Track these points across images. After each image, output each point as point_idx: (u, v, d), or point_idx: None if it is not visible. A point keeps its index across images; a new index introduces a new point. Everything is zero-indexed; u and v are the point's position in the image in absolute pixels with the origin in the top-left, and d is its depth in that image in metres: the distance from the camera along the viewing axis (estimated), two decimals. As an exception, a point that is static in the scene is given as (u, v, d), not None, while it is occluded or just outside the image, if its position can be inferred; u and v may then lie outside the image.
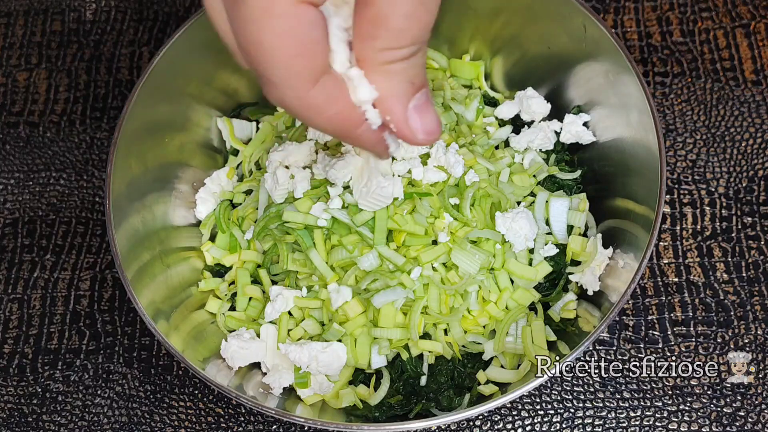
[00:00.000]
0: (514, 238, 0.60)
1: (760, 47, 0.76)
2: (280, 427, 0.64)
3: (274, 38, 0.34)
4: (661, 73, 0.76)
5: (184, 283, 0.64)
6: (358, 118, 0.39)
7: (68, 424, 0.65)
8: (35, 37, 0.82)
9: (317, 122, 0.38)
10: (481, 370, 0.60)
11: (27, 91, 0.80)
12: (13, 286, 0.71)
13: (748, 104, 0.74)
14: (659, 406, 0.63)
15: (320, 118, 0.38)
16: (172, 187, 0.66)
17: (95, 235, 0.72)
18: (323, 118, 0.38)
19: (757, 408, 0.63)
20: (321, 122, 0.38)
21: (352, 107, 0.38)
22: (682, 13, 0.79)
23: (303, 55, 0.35)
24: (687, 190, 0.71)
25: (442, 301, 0.59)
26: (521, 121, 0.69)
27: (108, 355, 0.67)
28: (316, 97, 0.37)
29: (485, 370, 0.60)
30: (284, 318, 0.61)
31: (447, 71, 0.72)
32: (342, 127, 0.39)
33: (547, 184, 0.66)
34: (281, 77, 0.36)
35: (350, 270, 0.58)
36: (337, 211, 0.58)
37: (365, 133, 0.40)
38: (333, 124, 0.39)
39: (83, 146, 0.77)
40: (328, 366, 0.58)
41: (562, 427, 0.63)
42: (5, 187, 0.75)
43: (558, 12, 0.63)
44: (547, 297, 0.62)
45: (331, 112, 0.38)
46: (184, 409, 0.65)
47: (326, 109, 0.38)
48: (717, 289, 0.67)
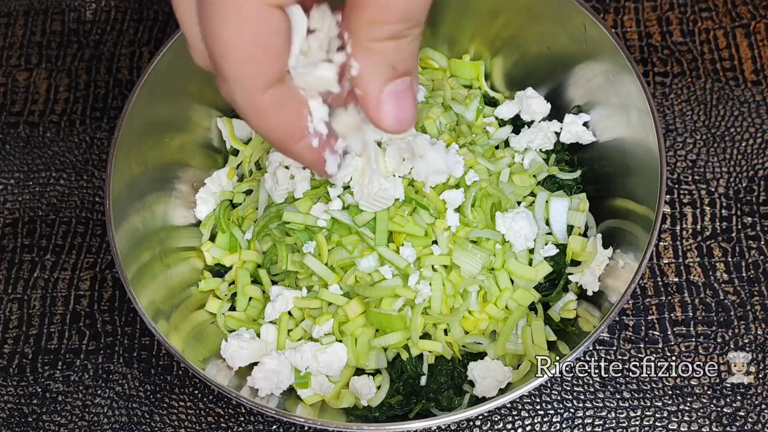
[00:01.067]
0: (514, 238, 0.60)
1: (760, 47, 0.76)
2: (280, 427, 0.64)
3: (235, 38, 0.34)
4: (661, 73, 0.76)
5: (184, 283, 0.64)
6: (299, 132, 0.39)
7: (68, 424, 0.65)
8: (35, 37, 0.82)
9: (259, 127, 0.38)
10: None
11: (27, 91, 0.80)
12: (13, 286, 0.71)
13: (748, 104, 0.74)
14: (659, 406, 0.63)
15: (263, 123, 0.38)
16: (172, 187, 0.66)
17: (95, 235, 0.72)
18: (266, 124, 0.38)
19: (757, 408, 0.63)
20: (263, 128, 0.38)
21: (296, 121, 0.38)
22: (682, 13, 0.79)
23: (259, 59, 0.35)
24: (687, 190, 0.71)
25: (443, 302, 0.59)
26: (521, 121, 0.69)
27: (108, 355, 0.67)
28: (263, 103, 0.36)
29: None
30: (284, 318, 0.61)
31: (447, 71, 0.72)
32: (282, 139, 0.39)
33: (547, 184, 0.66)
34: (234, 76, 0.35)
35: (350, 270, 0.59)
36: (337, 212, 0.58)
37: (304, 149, 0.40)
38: (275, 133, 0.38)
39: (83, 146, 0.77)
40: (329, 366, 0.58)
41: (562, 427, 0.63)
42: (5, 187, 0.75)
43: (558, 12, 0.63)
44: (547, 297, 0.62)
45: (275, 121, 0.37)
46: (184, 409, 0.65)
47: (271, 117, 0.37)
48: (717, 289, 0.67)
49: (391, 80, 0.37)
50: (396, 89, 0.37)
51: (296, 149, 0.40)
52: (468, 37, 0.70)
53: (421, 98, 0.65)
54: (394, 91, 0.37)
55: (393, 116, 0.38)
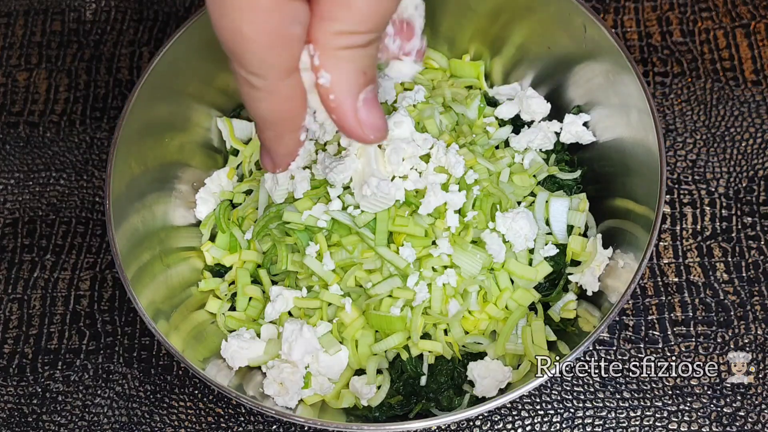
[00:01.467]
0: (514, 238, 0.60)
1: (760, 47, 0.76)
2: (280, 427, 0.64)
3: (255, 31, 0.34)
4: (661, 73, 0.76)
5: (184, 283, 0.64)
6: (298, 123, 0.39)
7: (68, 424, 0.65)
8: (35, 37, 0.82)
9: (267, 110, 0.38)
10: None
11: (27, 91, 0.80)
12: (13, 286, 0.71)
13: (748, 104, 0.74)
14: (659, 406, 0.63)
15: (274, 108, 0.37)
16: (172, 187, 0.66)
17: (95, 235, 0.72)
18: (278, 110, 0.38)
19: (757, 408, 0.63)
20: (270, 112, 0.38)
21: (301, 110, 0.38)
22: (682, 13, 0.79)
23: (279, 49, 0.35)
24: (687, 190, 0.71)
25: (443, 302, 0.59)
26: (521, 121, 0.69)
27: (108, 355, 0.67)
28: (283, 90, 0.36)
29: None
30: (284, 318, 0.61)
31: (447, 71, 0.72)
32: (282, 126, 0.39)
33: (547, 184, 0.66)
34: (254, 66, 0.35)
35: (350, 270, 0.59)
36: (338, 212, 0.58)
37: (293, 139, 0.40)
38: (279, 117, 0.38)
39: (83, 146, 0.77)
40: (329, 368, 0.58)
41: (562, 427, 0.63)
42: (5, 187, 0.75)
43: (558, 12, 0.63)
44: (547, 297, 0.62)
45: (285, 108, 0.37)
46: (184, 409, 0.65)
47: (284, 104, 0.37)
48: (717, 289, 0.67)
49: (364, 87, 0.37)
50: (367, 97, 0.37)
51: (286, 138, 0.40)
52: (468, 37, 0.70)
53: (421, 98, 0.65)
54: (366, 98, 0.37)
55: (372, 124, 0.38)
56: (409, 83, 0.68)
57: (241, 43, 0.35)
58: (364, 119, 0.37)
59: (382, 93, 0.65)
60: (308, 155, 0.62)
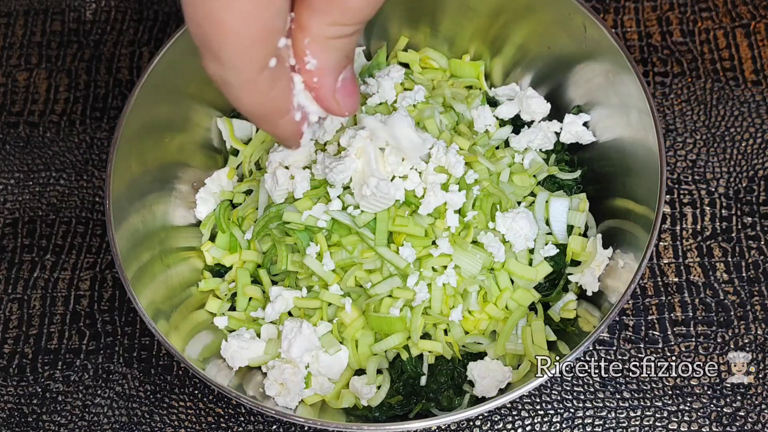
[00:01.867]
0: (514, 238, 0.60)
1: (760, 47, 0.76)
2: (280, 427, 0.64)
3: (238, 23, 0.34)
4: (661, 73, 0.76)
5: (184, 283, 0.64)
6: (286, 106, 0.39)
7: (68, 424, 0.65)
8: (35, 37, 0.82)
9: (250, 105, 0.38)
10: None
11: (27, 91, 0.80)
12: (13, 286, 0.71)
13: (748, 104, 0.74)
14: (659, 406, 0.63)
15: (256, 101, 0.38)
16: (172, 187, 0.66)
17: (95, 235, 0.72)
18: (259, 102, 0.38)
19: (757, 408, 0.63)
20: (252, 106, 0.38)
21: (286, 95, 0.39)
22: (682, 13, 0.79)
23: (262, 42, 0.35)
24: (687, 190, 0.71)
25: (443, 302, 0.59)
26: (521, 121, 0.69)
27: (108, 355, 0.67)
28: (260, 82, 0.37)
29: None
30: (284, 318, 0.61)
31: (447, 71, 0.72)
32: (269, 114, 0.39)
33: (547, 184, 0.66)
34: (233, 59, 0.35)
35: (350, 270, 0.59)
36: (338, 212, 0.58)
37: (287, 123, 0.40)
38: (264, 109, 0.39)
39: (83, 146, 0.77)
40: (329, 368, 0.58)
41: (562, 427, 0.63)
42: (5, 187, 0.75)
43: (558, 12, 0.63)
44: (547, 297, 0.62)
45: (268, 98, 0.38)
46: (184, 409, 0.65)
47: (264, 94, 0.37)
48: (717, 289, 0.67)
49: (344, 68, 0.39)
50: (346, 76, 0.40)
51: (281, 124, 0.40)
52: (468, 37, 0.70)
53: (421, 98, 0.66)
54: (344, 78, 0.40)
55: (347, 100, 0.40)
56: (409, 83, 0.68)
57: (222, 35, 0.34)
58: (341, 98, 0.40)
59: (382, 93, 0.66)
60: (308, 155, 0.62)
